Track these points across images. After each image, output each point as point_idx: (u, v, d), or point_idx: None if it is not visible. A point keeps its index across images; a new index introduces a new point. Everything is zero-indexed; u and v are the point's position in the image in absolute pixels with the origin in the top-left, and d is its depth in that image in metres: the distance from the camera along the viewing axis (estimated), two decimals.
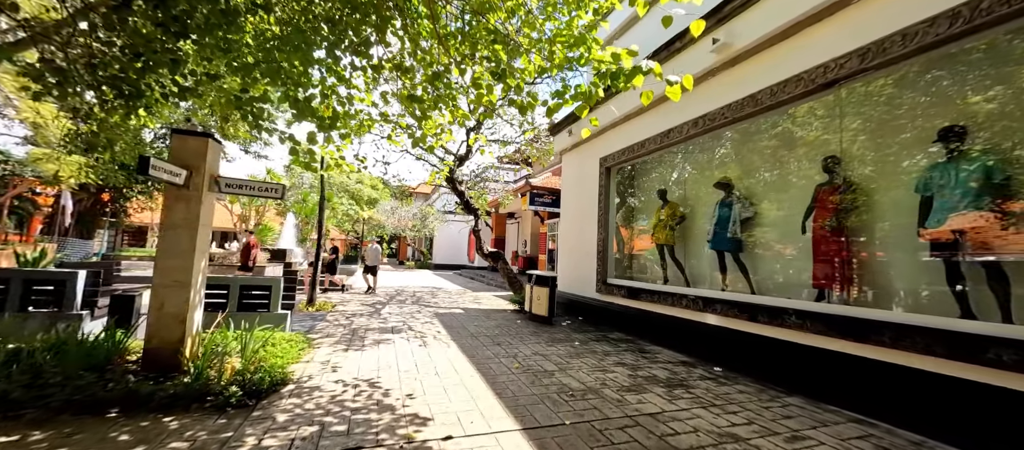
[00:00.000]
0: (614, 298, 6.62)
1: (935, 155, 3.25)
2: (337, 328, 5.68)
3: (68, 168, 9.59)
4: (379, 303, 8.73)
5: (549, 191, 14.92)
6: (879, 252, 3.64)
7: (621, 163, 6.96)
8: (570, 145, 8.46)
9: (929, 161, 3.28)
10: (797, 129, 4.38)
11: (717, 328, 4.66)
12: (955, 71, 3.19)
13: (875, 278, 3.63)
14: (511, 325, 6.50)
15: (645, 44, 5.38)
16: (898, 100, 3.53)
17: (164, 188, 3.58)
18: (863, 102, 3.74)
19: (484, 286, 14.50)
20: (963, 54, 3.08)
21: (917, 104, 3.41)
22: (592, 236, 7.37)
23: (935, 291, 3.20)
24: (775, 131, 4.63)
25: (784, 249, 4.54)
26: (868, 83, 3.63)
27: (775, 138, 4.63)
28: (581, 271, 7.70)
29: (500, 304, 9.23)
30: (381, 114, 4.15)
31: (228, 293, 4.85)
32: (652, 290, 5.74)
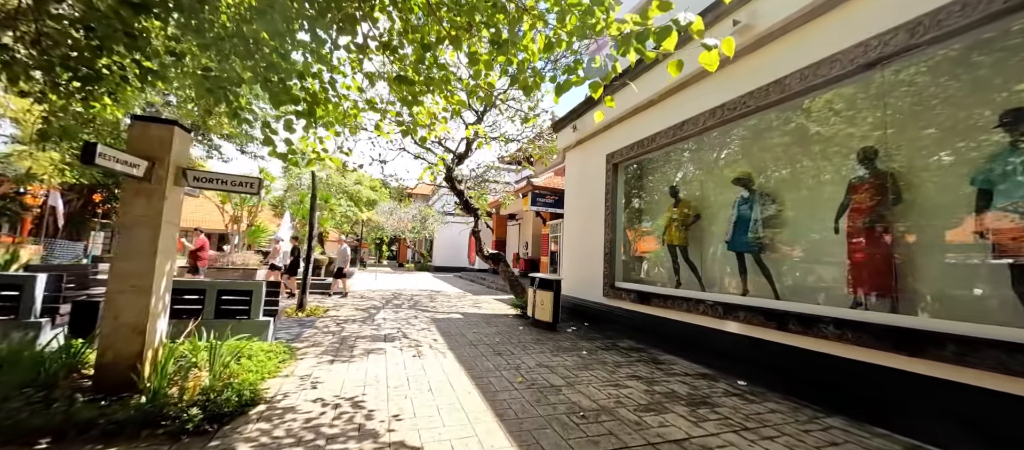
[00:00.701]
0: (622, 303, 6.20)
1: (995, 143, 2.84)
2: (325, 336, 5.27)
3: (41, 165, 9.18)
4: (374, 308, 8.32)
5: (551, 191, 14.51)
6: (928, 253, 3.22)
7: (629, 160, 6.55)
8: (574, 141, 8.06)
9: (989, 150, 2.87)
10: (828, 117, 3.97)
11: (740, 337, 4.24)
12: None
13: (924, 283, 3.21)
14: (513, 332, 6.08)
15: None
16: (952, 80, 3.12)
17: (123, 182, 3.19)
18: (909, 83, 3.32)
19: (485, 289, 14.08)
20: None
21: (977, 84, 2.99)
22: (598, 237, 6.96)
23: (1002, 297, 2.78)
24: (801, 120, 4.22)
25: (812, 250, 4.12)
26: (918, 62, 3.21)
27: (801, 128, 4.21)
28: (586, 274, 7.28)
29: (501, 308, 8.81)
30: (368, 102, 3.76)
31: (204, 299, 4.44)
32: (665, 295, 5.32)
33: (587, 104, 7.36)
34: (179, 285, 4.39)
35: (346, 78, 3.80)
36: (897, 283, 3.34)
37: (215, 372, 3.23)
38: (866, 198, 3.59)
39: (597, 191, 7.17)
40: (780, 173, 4.50)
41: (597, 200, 7.14)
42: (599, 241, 6.91)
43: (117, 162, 2.85)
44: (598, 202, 7.10)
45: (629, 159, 6.53)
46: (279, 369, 3.70)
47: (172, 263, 3.38)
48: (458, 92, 3.39)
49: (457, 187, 9.18)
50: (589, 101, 7.26)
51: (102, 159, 2.72)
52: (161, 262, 3.21)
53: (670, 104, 5.60)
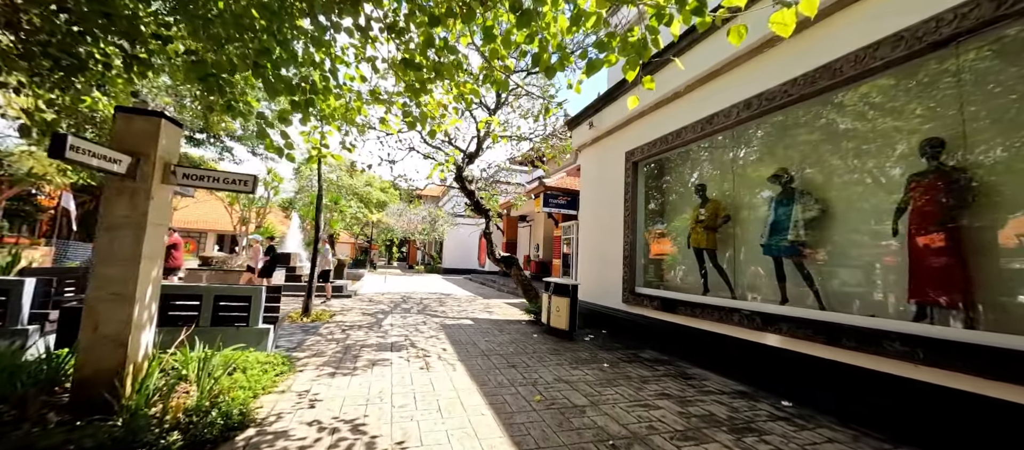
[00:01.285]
0: (644, 310, 5.79)
1: None
2: (329, 344, 4.97)
3: (42, 164, 9.11)
4: (382, 312, 8.03)
5: (564, 192, 14.13)
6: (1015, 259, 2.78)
7: (651, 157, 6.14)
8: (590, 139, 7.67)
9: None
10: (884, 105, 3.53)
11: (781, 351, 3.81)
12: None
13: (1010, 293, 2.77)
14: (527, 340, 5.71)
15: None
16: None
17: (105, 180, 2.92)
18: (989, 63, 2.88)
19: (495, 292, 13.74)
20: None
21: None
22: (617, 240, 6.56)
23: None
24: (851, 108, 3.78)
25: (864, 254, 3.68)
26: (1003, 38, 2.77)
27: (852, 118, 3.78)
28: (604, 279, 6.89)
29: (513, 313, 8.46)
30: (372, 92, 3.44)
31: (200, 305, 4.18)
32: (693, 303, 4.90)
33: (605, 99, 6.97)
34: (173, 291, 4.14)
35: (349, 69, 3.50)
36: (972, 294, 2.89)
37: (203, 389, 2.94)
38: (931, 196, 3.15)
39: (615, 191, 6.78)
40: (825, 168, 4.06)
41: (615, 200, 6.75)
42: (618, 244, 6.51)
43: (93, 157, 2.57)
44: (616, 203, 6.71)
45: (650, 157, 6.12)
46: (275, 384, 3.39)
47: (159, 269, 3.10)
48: (470, 81, 3.05)
49: (467, 187, 8.86)
50: (607, 96, 6.88)
51: (74, 153, 2.44)
52: (146, 267, 2.94)
53: (698, 96, 5.18)
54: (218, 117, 6.84)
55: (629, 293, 6.14)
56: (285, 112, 3.12)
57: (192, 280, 9.73)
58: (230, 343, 4.15)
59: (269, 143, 3.17)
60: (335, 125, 3.56)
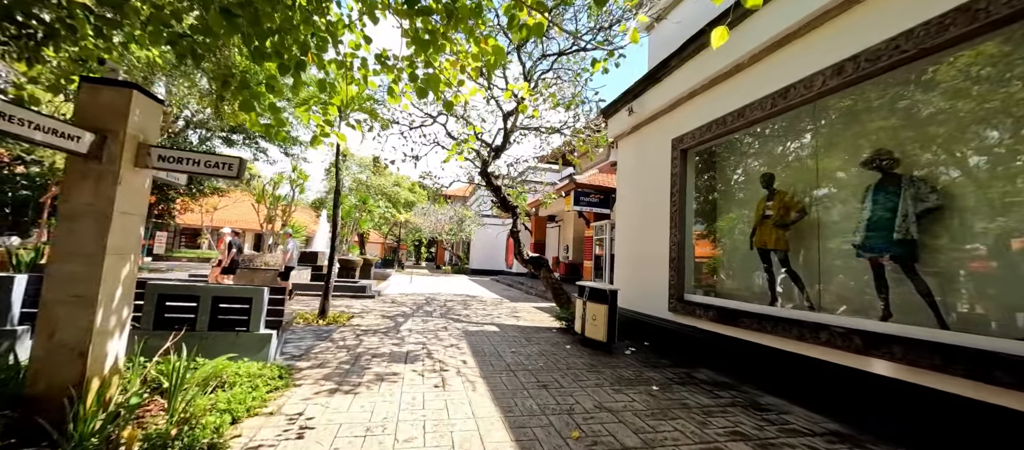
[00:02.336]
0: (696, 320, 4.98)
1: None
2: (338, 352, 4.49)
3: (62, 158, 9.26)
4: (402, 315, 7.56)
5: (596, 190, 13.31)
6: None
7: (703, 143, 5.31)
8: (629, 127, 6.89)
9: None
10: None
11: (895, 383, 2.95)
12: None
13: None
14: (559, 352, 5.03)
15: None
16: None
17: (66, 162, 2.50)
18: None
19: (523, 295, 13.10)
20: None
21: None
22: (661, 239, 5.76)
23: None
24: (985, 72, 2.87)
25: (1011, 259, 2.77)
26: None
27: (991, 80, 2.87)
28: (645, 283, 6.10)
29: (542, 319, 7.78)
30: (378, 57, 2.89)
31: (197, 307, 3.78)
32: (763, 315, 4.06)
33: (648, 80, 6.18)
34: (168, 291, 3.76)
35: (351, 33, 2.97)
36: None
37: (173, 410, 2.47)
38: None
39: (660, 184, 5.98)
40: (948, 148, 3.16)
41: (660, 195, 5.95)
42: (663, 244, 5.72)
43: (37, 130, 2.14)
44: (661, 197, 5.91)
45: (703, 143, 5.29)
46: (264, 403, 2.89)
47: (132, 266, 2.66)
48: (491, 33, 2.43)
49: (494, 183, 8.27)
50: (651, 76, 6.09)
51: (10, 124, 2.01)
52: (114, 265, 2.50)
53: (768, 66, 4.34)
54: (230, 104, 6.60)
55: (676, 300, 5.34)
56: (274, 82, 2.61)
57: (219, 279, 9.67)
58: (228, 350, 3.72)
59: (253, 119, 2.67)
60: (337, 99, 3.04)
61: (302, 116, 3.01)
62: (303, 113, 2.98)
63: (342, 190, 19.99)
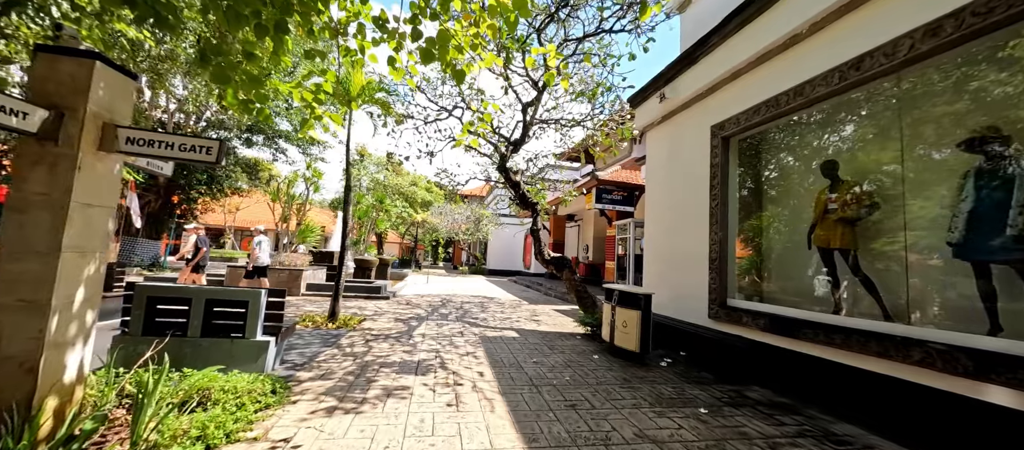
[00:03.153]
0: (742, 330, 4.39)
1: None
2: (343, 360, 4.10)
3: None
4: (417, 318, 7.18)
5: (619, 186, 12.70)
6: None
7: (750, 129, 4.71)
8: (660, 116, 6.31)
9: None
10: None
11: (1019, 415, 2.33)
12: None
13: None
14: (586, 363, 4.52)
15: None
16: None
17: (17, 143, 2.16)
18: None
19: (541, 296, 12.59)
20: None
21: None
22: (699, 238, 5.18)
23: None
24: None
25: None
26: None
27: None
28: (680, 287, 5.51)
29: (564, 323, 7.26)
30: (376, 20, 2.45)
31: (189, 311, 3.44)
32: (832, 327, 3.44)
33: (684, 62, 5.59)
34: (158, 294, 3.43)
35: None
36: None
37: (138, 437, 2.09)
38: None
39: (696, 177, 5.39)
40: None
41: (696, 189, 5.36)
42: (701, 243, 5.13)
43: None
44: (698, 191, 5.31)
45: (749, 129, 4.68)
46: (249, 426, 2.50)
47: (97, 265, 2.31)
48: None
49: (512, 178, 7.81)
50: (687, 57, 5.50)
51: None
52: (72, 264, 2.14)
53: (831, 36, 3.73)
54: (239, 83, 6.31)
55: (718, 306, 4.75)
56: (251, 44, 2.21)
57: (235, 279, 9.54)
58: (221, 358, 3.38)
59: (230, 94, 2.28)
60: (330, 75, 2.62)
61: (293, 93, 2.60)
62: (294, 91, 2.58)
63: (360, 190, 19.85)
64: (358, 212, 21.24)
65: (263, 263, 8.62)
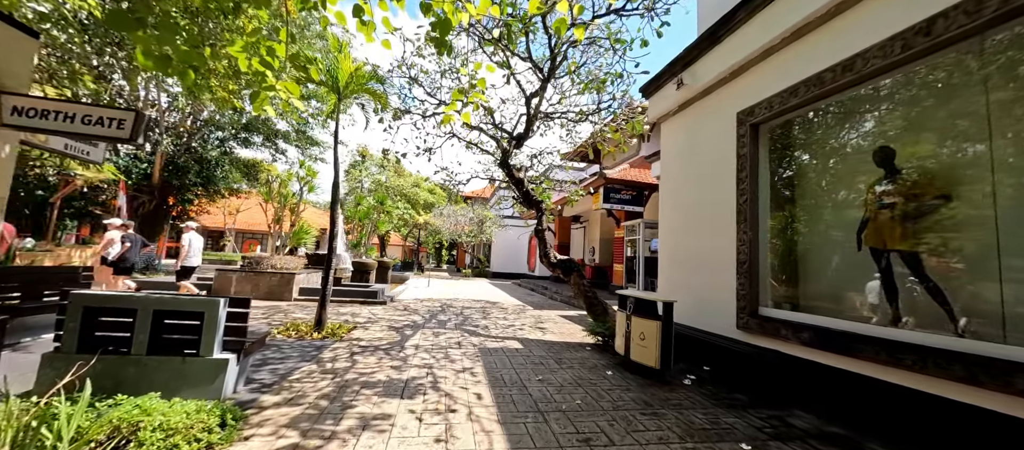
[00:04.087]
0: (779, 344, 3.81)
1: None
2: (319, 380, 3.57)
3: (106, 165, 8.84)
4: (412, 325, 6.65)
5: (628, 186, 12.13)
6: None
7: (784, 114, 4.15)
8: (677, 104, 5.75)
9: None
10: None
11: None
12: None
13: None
14: (598, 381, 3.96)
15: None
16: None
17: None
18: None
19: (547, 301, 12.02)
20: None
21: None
22: (723, 238, 4.61)
23: None
24: None
25: None
26: None
27: None
28: (701, 292, 4.94)
29: (571, 332, 6.71)
30: None
31: (134, 323, 2.93)
32: (900, 343, 2.86)
33: (706, 42, 5.04)
34: (97, 303, 2.93)
35: None
36: None
37: None
38: None
39: (720, 170, 4.82)
40: None
41: (720, 183, 4.79)
42: (726, 244, 4.56)
43: None
44: (722, 186, 4.75)
45: (784, 113, 4.12)
46: None
47: None
48: None
49: (516, 175, 7.27)
50: (710, 36, 4.94)
51: None
52: None
53: (865, 10, 3.16)
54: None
55: (749, 316, 4.18)
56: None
57: (223, 283, 9.07)
58: (171, 381, 2.87)
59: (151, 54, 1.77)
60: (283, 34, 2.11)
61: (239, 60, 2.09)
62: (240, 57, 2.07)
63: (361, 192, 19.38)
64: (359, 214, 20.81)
65: (192, 263, 7.70)
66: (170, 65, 1.79)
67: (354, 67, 5.31)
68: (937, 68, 3.06)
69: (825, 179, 4.05)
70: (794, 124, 4.29)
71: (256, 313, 7.07)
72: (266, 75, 2.09)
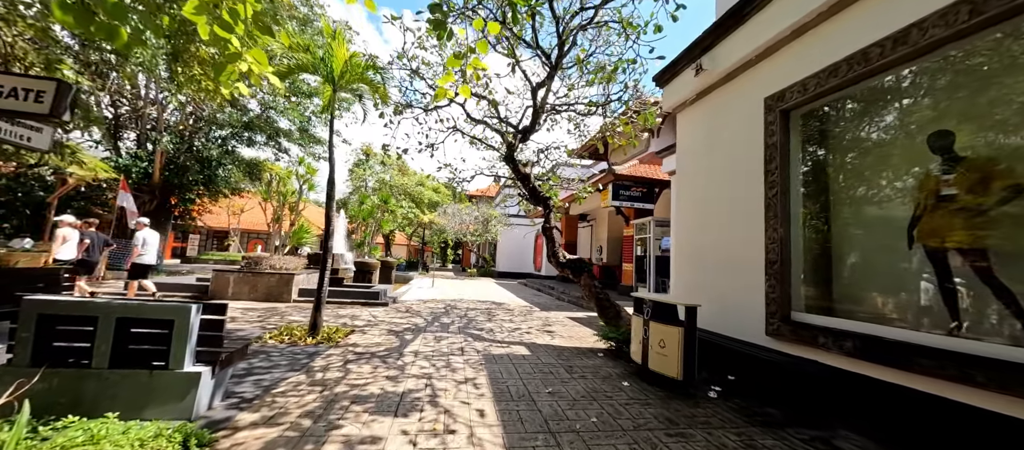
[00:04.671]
0: (817, 353, 3.41)
1: None
2: (305, 394, 3.23)
3: (89, 159, 8.55)
4: (413, 329, 6.32)
5: (638, 182, 11.71)
6: None
7: (820, 98, 3.74)
8: (694, 92, 5.35)
9: None
10: None
11: None
12: None
13: None
14: (614, 394, 3.59)
15: None
16: None
17: None
18: None
19: (554, 301, 11.65)
20: None
21: None
22: (749, 235, 4.22)
23: None
24: None
25: None
26: None
27: None
28: (724, 295, 4.55)
29: (582, 336, 6.33)
30: None
31: (95, 333, 2.61)
32: (976, 358, 2.46)
33: (730, 21, 4.63)
34: (54, 311, 2.61)
35: None
36: None
37: None
38: None
39: (745, 161, 4.42)
40: None
41: (745, 176, 4.39)
42: (752, 242, 4.16)
43: None
44: (747, 179, 4.35)
45: (823, 95, 3.71)
46: None
47: None
48: None
49: (521, 171, 6.91)
50: (734, 14, 4.54)
51: None
52: None
53: None
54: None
55: (780, 321, 3.78)
56: None
57: (220, 284, 8.82)
58: (136, 397, 2.55)
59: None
60: None
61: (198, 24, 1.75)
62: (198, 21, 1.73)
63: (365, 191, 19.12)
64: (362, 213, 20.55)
65: (148, 261, 7.15)
66: (93, 22, 1.46)
67: (349, 54, 4.98)
68: (1015, 34, 2.63)
69: (866, 169, 3.63)
70: (831, 108, 3.88)
71: (252, 316, 6.79)
72: (230, 42, 1.75)
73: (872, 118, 3.60)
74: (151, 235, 7.39)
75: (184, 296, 8.73)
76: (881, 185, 3.48)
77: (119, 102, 13.51)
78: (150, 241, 7.31)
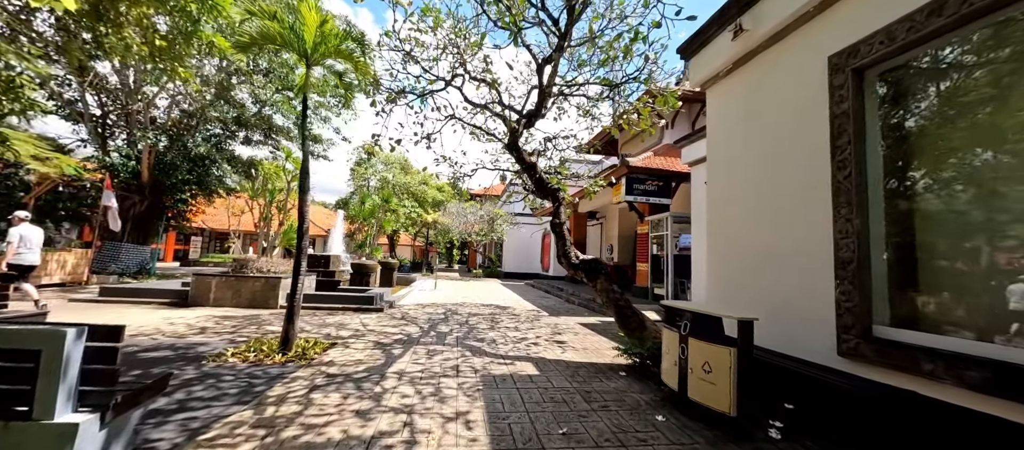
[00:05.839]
0: (915, 382, 2.57)
1: None
2: (245, 443, 2.47)
3: (21, 144, 7.91)
4: (402, 342, 5.55)
5: (653, 175, 10.85)
6: None
7: (909, 48, 2.88)
8: (731, 61, 4.51)
9: None
10: None
11: None
12: None
13: None
14: (648, 434, 2.78)
15: None
16: None
17: None
18: None
19: (563, 304, 10.83)
20: None
21: None
22: (812, 228, 3.38)
23: None
24: None
25: None
26: None
27: None
28: (777, 304, 3.71)
29: (597, 347, 5.51)
30: None
31: None
32: None
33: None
34: None
35: None
36: None
37: None
38: None
39: (801, 137, 3.58)
40: None
41: (804, 156, 3.55)
42: (817, 236, 3.32)
43: None
44: (808, 159, 3.51)
45: (913, 46, 2.85)
46: None
47: None
48: None
49: (527, 160, 6.12)
50: None
51: None
52: None
53: None
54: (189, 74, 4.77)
55: (859, 338, 2.93)
56: None
57: (201, 289, 8.15)
58: None
59: None
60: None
61: None
62: None
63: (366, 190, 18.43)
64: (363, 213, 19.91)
65: (29, 261, 6.20)
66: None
67: (321, 19, 4.22)
68: None
69: (980, 142, 2.77)
70: (925, 63, 3.01)
71: (226, 326, 6.07)
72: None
73: (986, 74, 2.73)
74: (29, 231, 6.40)
75: (161, 302, 8.08)
76: (1000, 162, 2.62)
77: (106, 101, 12.99)
78: (30, 237, 6.35)
